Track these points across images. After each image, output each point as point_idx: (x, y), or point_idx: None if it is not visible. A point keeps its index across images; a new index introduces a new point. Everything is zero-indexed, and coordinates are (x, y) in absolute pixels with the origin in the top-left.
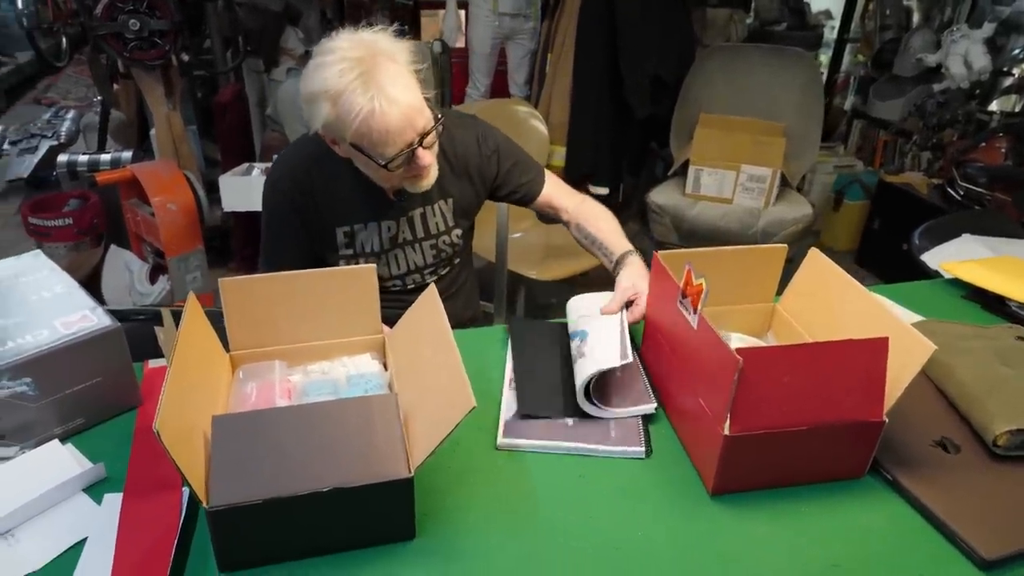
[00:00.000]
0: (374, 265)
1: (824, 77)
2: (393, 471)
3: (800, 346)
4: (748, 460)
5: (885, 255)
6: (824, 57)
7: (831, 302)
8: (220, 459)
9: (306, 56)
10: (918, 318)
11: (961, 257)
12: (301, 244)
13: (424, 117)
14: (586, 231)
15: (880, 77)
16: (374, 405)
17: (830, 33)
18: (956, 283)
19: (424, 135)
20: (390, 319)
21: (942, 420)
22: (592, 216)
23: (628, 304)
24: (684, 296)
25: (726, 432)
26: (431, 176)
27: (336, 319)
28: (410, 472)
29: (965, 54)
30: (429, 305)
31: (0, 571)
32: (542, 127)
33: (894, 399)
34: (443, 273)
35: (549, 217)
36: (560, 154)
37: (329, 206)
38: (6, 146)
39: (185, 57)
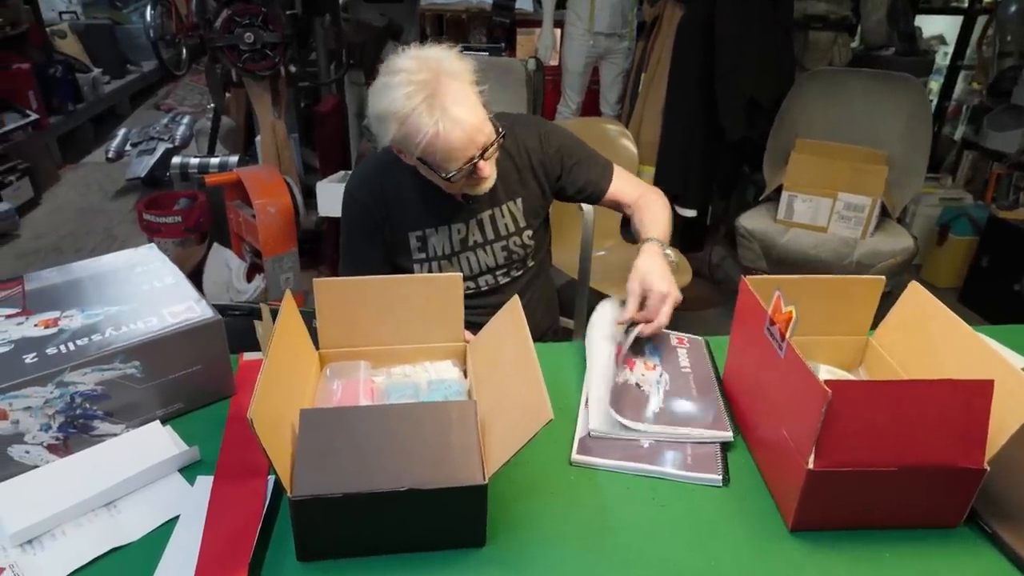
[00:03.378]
0: (460, 274)
1: (933, 105)
2: (468, 477)
3: (895, 383)
4: (832, 497)
5: (993, 295)
6: (935, 84)
7: (931, 340)
8: (305, 451)
9: None
10: None
11: None
12: (377, 249)
13: (485, 133)
14: (632, 222)
15: (996, 106)
16: (453, 411)
17: (942, 59)
18: None
19: (485, 149)
20: (466, 322)
21: None
22: (645, 206)
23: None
24: (772, 323)
25: (810, 466)
26: (489, 182)
27: (421, 325)
28: (484, 479)
29: None
30: (512, 316)
31: (104, 538)
32: (631, 146)
33: (998, 447)
34: (517, 275)
35: (630, 237)
36: (649, 174)
37: (402, 213)
38: (127, 147)
39: (292, 69)
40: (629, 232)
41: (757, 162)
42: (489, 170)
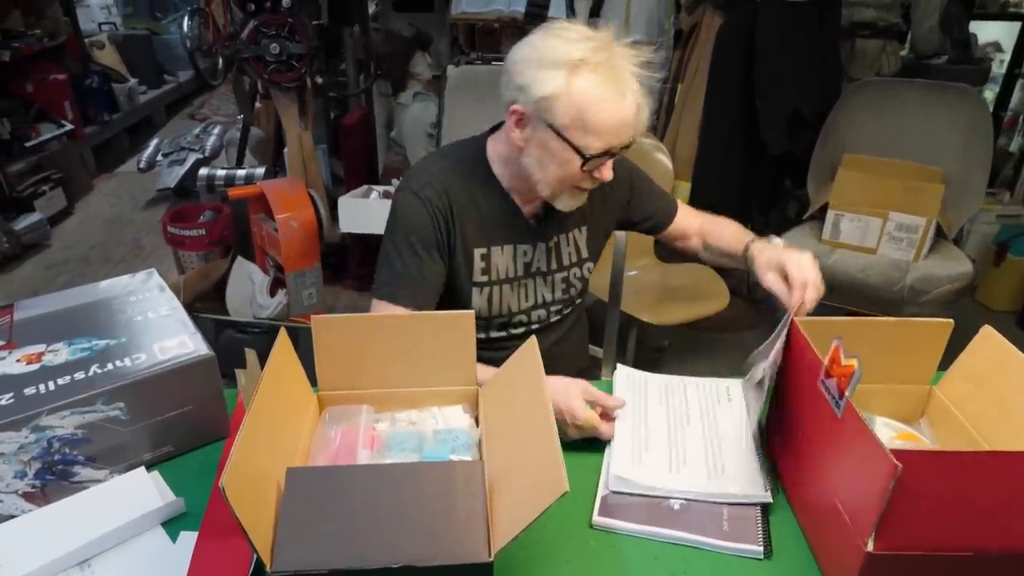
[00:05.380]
0: (472, 312)
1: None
2: (471, 552)
3: (975, 454)
4: None
5: None
6: (990, 93)
7: (1006, 393)
8: (289, 518)
9: (434, 80)
10: None
11: None
12: (437, 265)
13: (634, 130)
14: (712, 245)
15: None
16: (458, 472)
17: (998, 67)
18: None
19: (624, 146)
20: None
21: None
22: (716, 228)
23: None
24: (828, 376)
25: (869, 548)
26: (582, 198)
27: (429, 366)
28: (490, 556)
29: None
30: (527, 361)
31: None
32: (667, 160)
33: None
34: (567, 313)
35: (666, 254)
36: (685, 190)
37: (468, 224)
38: (159, 158)
39: (319, 80)
40: (666, 251)
41: (799, 177)
42: (609, 174)
